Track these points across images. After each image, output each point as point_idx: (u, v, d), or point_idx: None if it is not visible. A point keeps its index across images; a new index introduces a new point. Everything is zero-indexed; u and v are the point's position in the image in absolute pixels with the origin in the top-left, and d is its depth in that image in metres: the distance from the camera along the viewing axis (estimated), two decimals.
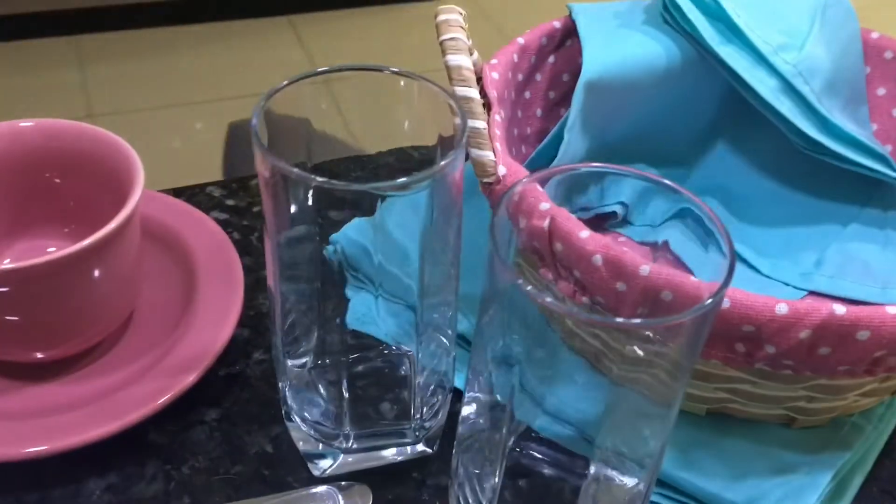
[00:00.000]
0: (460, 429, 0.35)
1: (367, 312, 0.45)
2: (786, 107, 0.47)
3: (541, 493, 0.38)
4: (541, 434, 0.39)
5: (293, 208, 0.32)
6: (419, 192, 0.33)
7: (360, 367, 0.40)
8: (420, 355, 0.38)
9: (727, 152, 0.54)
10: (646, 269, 0.35)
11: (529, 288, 0.27)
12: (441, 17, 0.40)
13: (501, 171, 0.39)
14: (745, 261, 0.49)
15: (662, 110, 0.51)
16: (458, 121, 0.32)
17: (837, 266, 0.47)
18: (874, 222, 0.49)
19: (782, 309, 0.33)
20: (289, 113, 0.33)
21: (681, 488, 0.38)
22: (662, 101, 0.50)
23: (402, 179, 0.30)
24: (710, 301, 0.28)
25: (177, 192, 0.53)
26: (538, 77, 0.51)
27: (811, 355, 0.34)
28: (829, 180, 0.50)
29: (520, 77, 0.50)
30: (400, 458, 0.40)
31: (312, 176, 0.29)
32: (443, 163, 0.30)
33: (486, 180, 0.39)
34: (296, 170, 0.29)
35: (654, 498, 0.39)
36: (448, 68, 0.39)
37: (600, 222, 0.52)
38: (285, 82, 0.31)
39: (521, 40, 0.49)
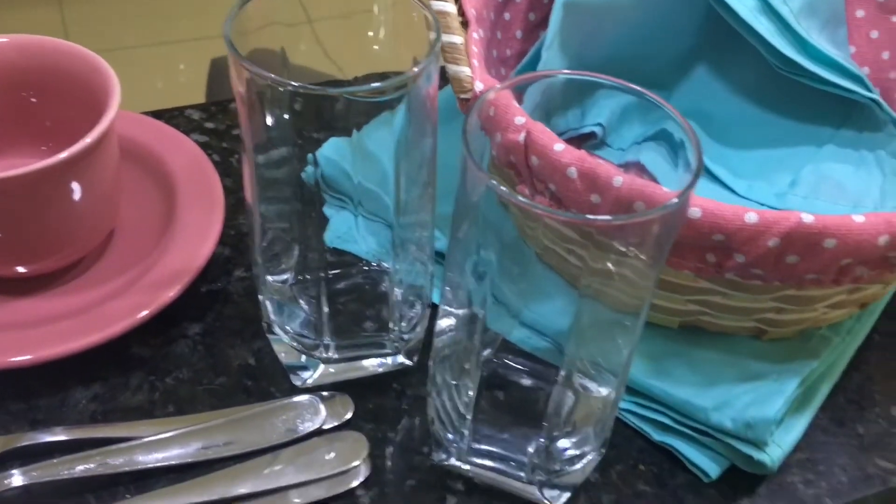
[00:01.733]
0: (436, 341, 0.36)
1: (347, 231, 0.46)
2: (763, 26, 0.47)
3: (518, 402, 0.39)
4: (518, 346, 0.40)
5: (269, 120, 0.32)
6: (396, 113, 0.33)
7: (340, 283, 0.41)
8: (398, 271, 0.39)
9: (708, 76, 0.54)
10: (619, 179, 0.35)
11: (503, 189, 0.28)
12: None
13: (478, 86, 0.39)
14: (721, 182, 0.50)
15: (642, 33, 0.51)
16: (432, 34, 0.32)
17: (811, 186, 0.48)
18: (849, 143, 0.49)
19: (752, 217, 0.33)
20: (263, 45, 0.33)
21: (653, 395, 0.39)
22: (642, 24, 0.50)
23: (377, 84, 0.30)
24: (676, 200, 0.28)
25: (156, 115, 0.53)
26: None
27: (779, 263, 0.35)
28: (806, 102, 0.51)
29: None
30: (381, 370, 0.41)
31: (287, 80, 0.29)
32: (416, 69, 0.30)
33: (462, 96, 0.40)
34: (272, 75, 0.30)
35: (627, 406, 0.40)
36: None
37: (579, 144, 0.52)
38: None
39: None
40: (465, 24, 0.44)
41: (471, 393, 0.37)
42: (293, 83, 0.29)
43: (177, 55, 1.69)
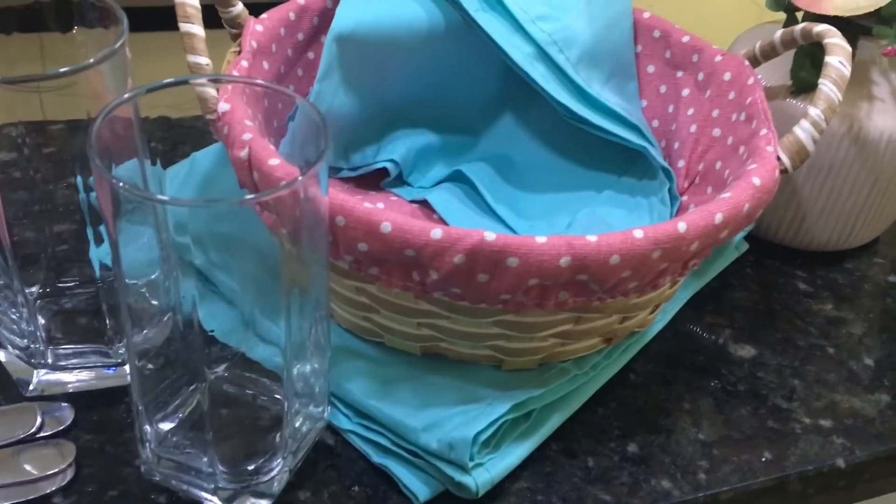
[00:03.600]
0: (139, 361, 0.36)
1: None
2: (538, 73, 0.48)
3: (243, 418, 0.39)
4: (256, 359, 0.40)
5: None
6: None
7: (65, 291, 0.41)
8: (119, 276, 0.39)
9: (513, 122, 0.56)
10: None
11: (122, 184, 0.29)
12: None
13: (223, 107, 0.41)
14: (504, 222, 0.51)
15: (441, 76, 0.53)
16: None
17: (584, 228, 0.49)
18: (627, 189, 0.51)
19: (437, 234, 0.34)
20: None
21: (373, 416, 0.39)
22: (438, 67, 0.52)
23: (57, 70, 0.31)
24: (300, 178, 0.30)
25: None
26: (323, 38, 0.53)
27: (471, 282, 0.35)
28: (595, 150, 0.52)
29: (300, 36, 0.51)
30: (113, 383, 0.40)
31: None
32: (91, 59, 0.32)
33: (208, 116, 0.41)
34: None
35: (352, 427, 0.40)
36: (175, 5, 0.40)
37: (378, 179, 0.53)
38: None
39: (301, 0, 0.51)
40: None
41: (140, 407, 0.36)
42: None
43: None
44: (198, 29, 0.40)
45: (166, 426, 0.37)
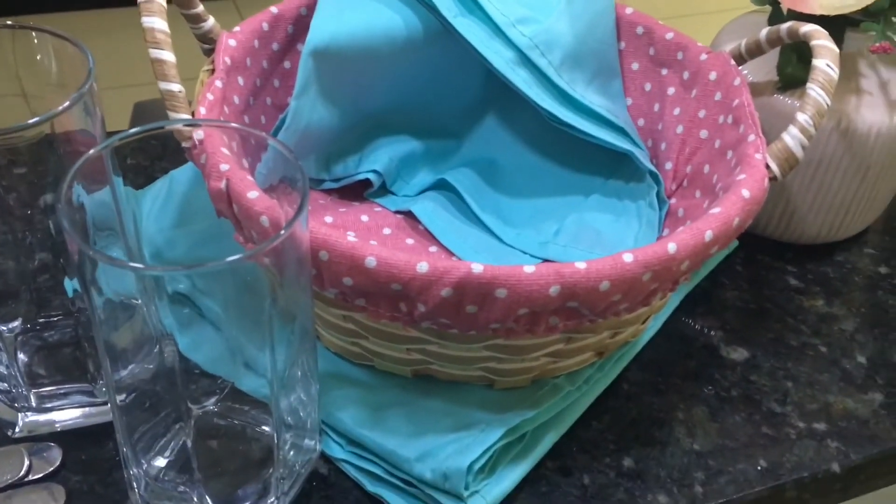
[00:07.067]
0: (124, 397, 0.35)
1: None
2: (520, 78, 0.47)
3: (235, 454, 0.39)
4: (250, 394, 0.39)
5: None
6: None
7: (48, 325, 0.40)
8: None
9: (496, 125, 0.55)
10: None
11: (91, 253, 0.28)
12: None
13: (199, 135, 0.39)
14: (489, 230, 0.50)
15: (421, 82, 0.52)
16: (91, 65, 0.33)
17: (572, 235, 0.48)
18: (614, 193, 0.50)
19: (423, 267, 0.34)
20: None
21: (366, 446, 0.39)
22: (418, 73, 0.51)
23: (15, 126, 0.30)
24: (282, 233, 0.29)
25: None
26: (299, 47, 0.52)
27: (460, 313, 0.35)
28: (581, 153, 0.52)
29: (275, 46, 0.50)
30: (101, 419, 0.40)
31: None
32: (60, 108, 0.31)
33: (184, 144, 0.40)
34: None
35: (345, 456, 0.39)
36: (143, 30, 0.39)
37: (361, 190, 0.52)
38: None
39: (274, 9, 0.50)
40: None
41: (126, 449, 0.36)
42: None
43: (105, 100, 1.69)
44: (168, 55, 0.39)
45: (157, 466, 0.37)
